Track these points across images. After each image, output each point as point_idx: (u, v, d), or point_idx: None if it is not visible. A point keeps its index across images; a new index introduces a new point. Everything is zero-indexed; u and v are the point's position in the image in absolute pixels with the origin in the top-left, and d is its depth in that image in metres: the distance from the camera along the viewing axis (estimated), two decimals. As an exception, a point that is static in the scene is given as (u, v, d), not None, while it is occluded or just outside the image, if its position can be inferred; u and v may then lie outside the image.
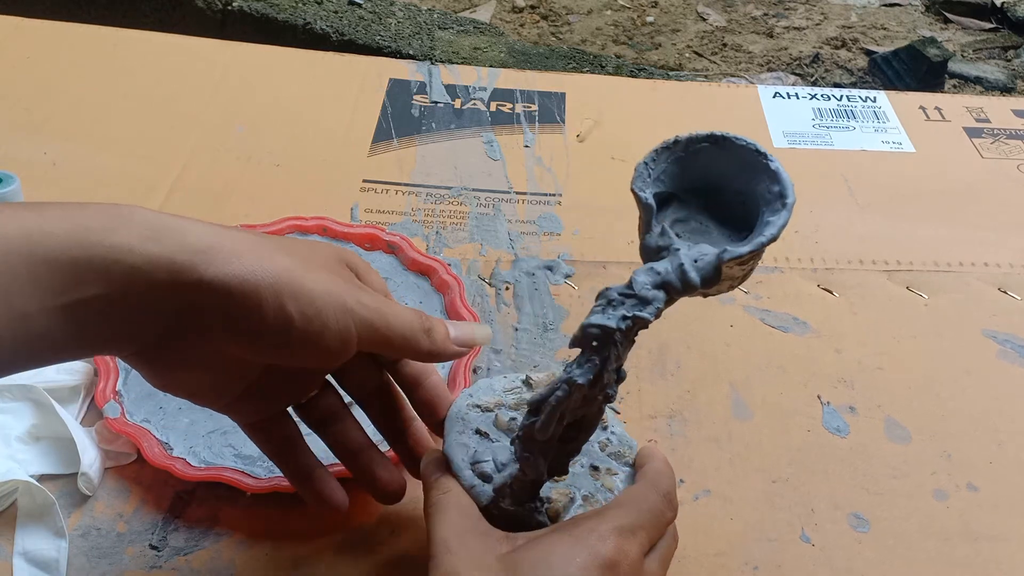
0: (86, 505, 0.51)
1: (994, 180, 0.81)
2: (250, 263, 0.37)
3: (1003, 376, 0.63)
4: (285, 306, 0.37)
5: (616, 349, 0.39)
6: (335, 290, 0.39)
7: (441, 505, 0.41)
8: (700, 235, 0.42)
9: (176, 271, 0.36)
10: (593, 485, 0.45)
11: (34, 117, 0.80)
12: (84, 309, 0.35)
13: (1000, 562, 0.52)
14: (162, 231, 0.36)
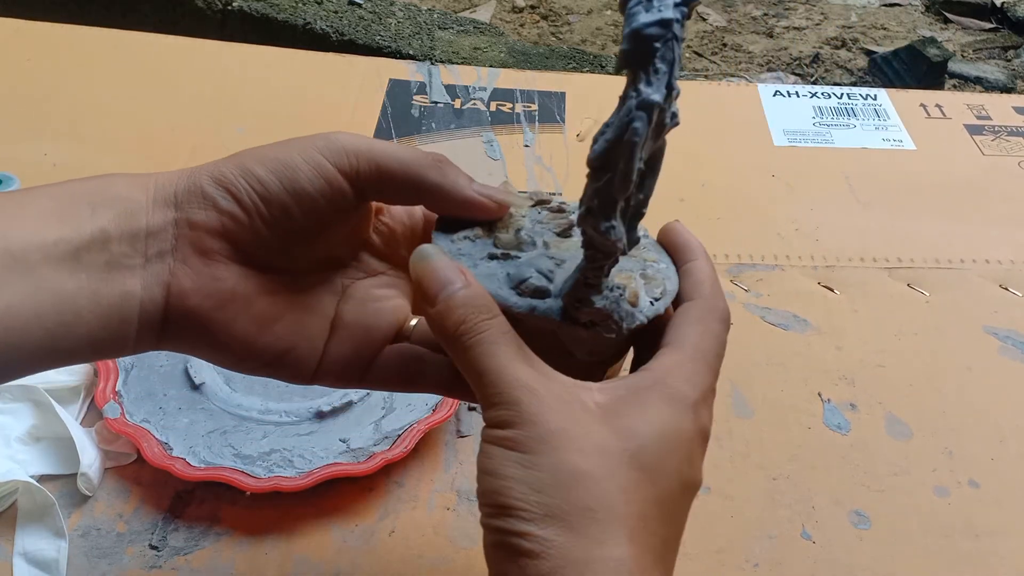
0: (86, 505, 0.51)
1: (995, 177, 0.81)
2: (215, 162, 0.37)
3: (1004, 372, 0.63)
4: (253, 171, 0.36)
5: (679, 46, 0.31)
6: (301, 141, 0.37)
7: (493, 334, 0.33)
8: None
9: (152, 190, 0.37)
10: (638, 264, 0.38)
11: (34, 118, 0.80)
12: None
13: (1002, 558, 0.52)
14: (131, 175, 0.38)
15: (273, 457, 0.52)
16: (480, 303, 0.33)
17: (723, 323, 0.36)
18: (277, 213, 0.36)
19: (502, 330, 0.33)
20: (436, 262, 0.34)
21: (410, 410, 0.55)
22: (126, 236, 0.35)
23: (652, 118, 0.31)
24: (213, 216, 0.36)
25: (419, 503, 0.52)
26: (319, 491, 0.51)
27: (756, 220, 0.75)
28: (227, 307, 0.36)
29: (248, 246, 0.37)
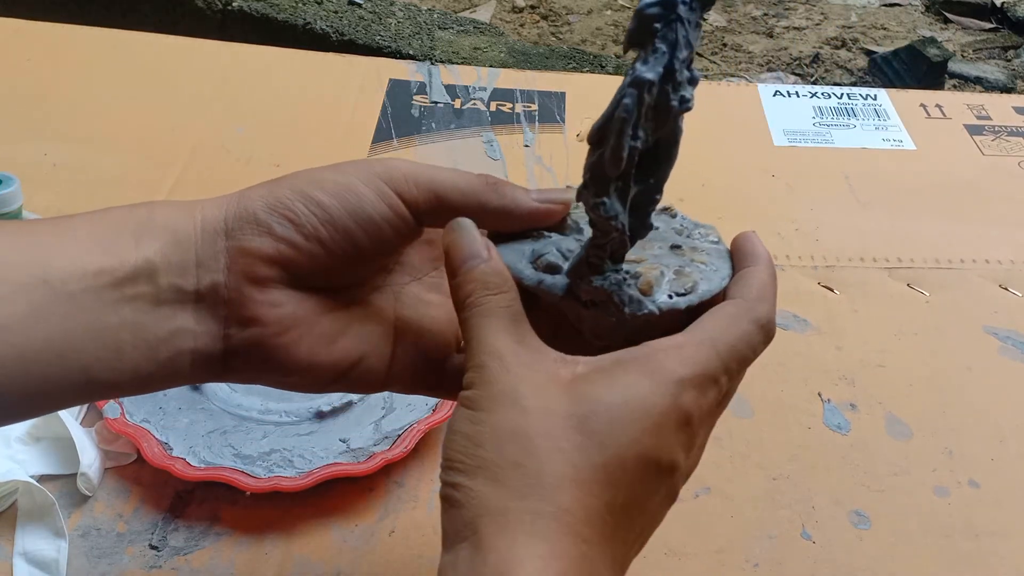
0: (86, 505, 0.51)
1: (995, 177, 0.81)
2: (266, 186, 0.36)
3: (1004, 372, 0.63)
4: (312, 195, 0.35)
5: (685, 28, 0.31)
6: (356, 165, 0.37)
7: (490, 307, 0.34)
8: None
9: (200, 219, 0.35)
10: (682, 260, 0.37)
11: (34, 118, 0.80)
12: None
13: (1002, 558, 0.52)
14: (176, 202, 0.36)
15: (273, 457, 0.52)
16: (492, 278, 0.34)
17: (757, 325, 0.35)
18: (339, 238, 0.36)
19: (501, 304, 0.34)
20: (464, 235, 0.35)
21: (410, 410, 0.55)
22: (174, 267, 0.34)
23: (643, 96, 0.32)
24: (268, 242, 0.35)
25: (419, 503, 0.52)
26: (319, 491, 0.51)
27: (756, 220, 0.75)
28: (289, 332, 0.36)
29: (303, 271, 0.36)
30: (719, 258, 0.37)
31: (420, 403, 0.56)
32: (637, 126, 0.32)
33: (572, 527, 0.30)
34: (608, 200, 0.34)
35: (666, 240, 0.39)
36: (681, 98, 0.33)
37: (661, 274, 0.36)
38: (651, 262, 0.37)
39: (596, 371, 0.32)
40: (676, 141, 0.34)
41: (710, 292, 0.35)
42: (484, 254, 0.35)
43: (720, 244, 0.39)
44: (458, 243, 0.35)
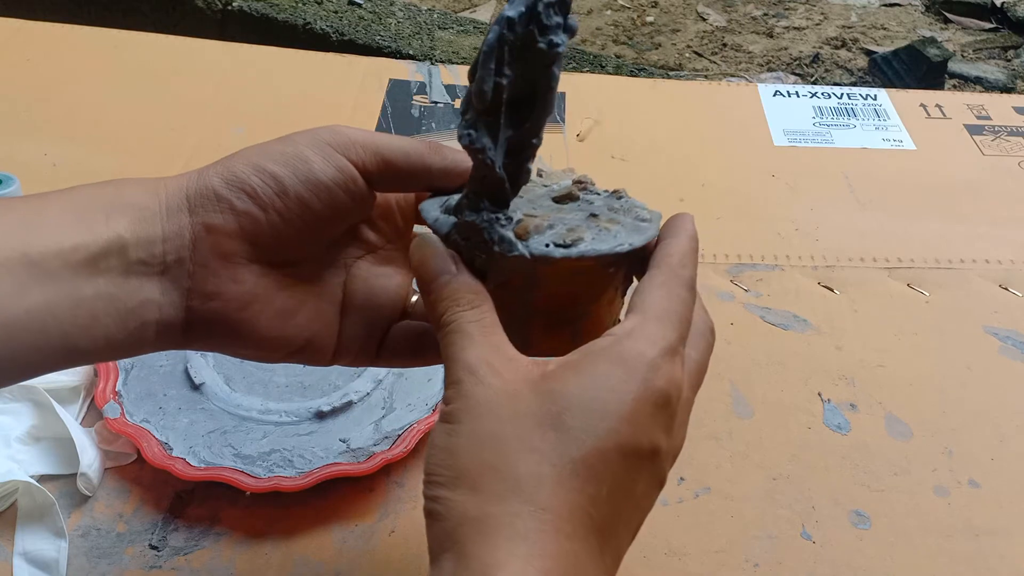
0: (86, 505, 0.51)
1: (995, 177, 0.81)
2: (222, 162, 0.38)
3: (1004, 372, 0.63)
4: (265, 167, 0.37)
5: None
6: (304, 134, 0.39)
7: (460, 324, 0.34)
8: None
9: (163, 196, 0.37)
10: (585, 223, 0.38)
11: (34, 118, 0.80)
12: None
13: (1002, 558, 0.52)
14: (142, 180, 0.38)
15: (273, 457, 0.52)
16: (462, 294, 0.35)
17: (688, 288, 0.36)
18: (294, 207, 0.37)
19: (472, 319, 0.34)
20: (428, 252, 0.36)
21: (410, 410, 0.55)
22: (142, 242, 0.36)
23: (503, 32, 0.32)
24: (230, 218, 0.37)
25: (419, 503, 0.52)
26: (319, 491, 0.51)
27: (756, 220, 0.75)
28: (249, 307, 0.38)
29: (266, 243, 0.37)
30: (633, 230, 0.38)
31: (420, 403, 0.56)
32: (502, 63, 0.33)
33: (553, 525, 0.30)
34: (474, 132, 0.34)
35: (588, 211, 0.39)
36: (549, 41, 0.33)
37: (549, 226, 0.37)
38: (549, 219, 0.37)
39: (565, 367, 0.33)
40: (550, 87, 0.35)
41: (596, 251, 0.36)
42: (452, 269, 0.36)
43: (645, 223, 0.39)
44: (427, 260, 0.36)
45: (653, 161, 0.81)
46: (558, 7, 0.33)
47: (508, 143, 0.36)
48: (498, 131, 0.35)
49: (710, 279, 0.69)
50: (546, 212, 0.38)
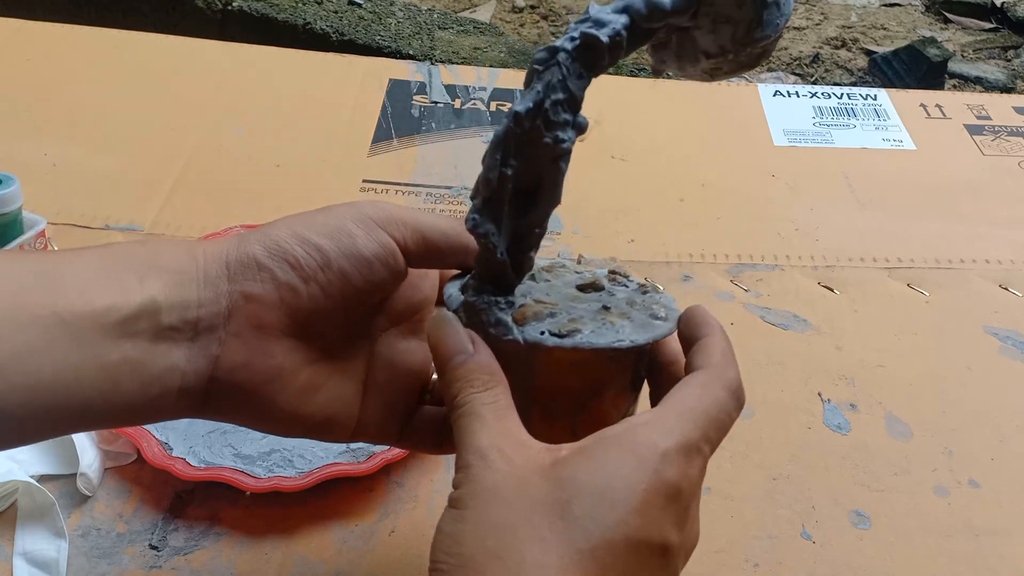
0: (86, 505, 0.51)
1: (995, 177, 0.81)
2: (261, 230, 0.37)
3: (1004, 372, 0.63)
4: (309, 238, 0.37)
5: (562, 72, 0.34)
6: (346, 207, 0.39)
7: (473, 407, 0.34)
8: None
9: (202, 261, 0.36)
10: (590, 315, 0.38)
11: (34, 118, 0.80)
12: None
13: (1002, 557, 0.52)
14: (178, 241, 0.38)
15: (273, 457, 0.52)
16: (477, 375, 0.34)
17: (729, 392, 0.34)
18: (336, 279, 0.37)
19: (485, 401, 0.34)
20: (445, 331, 0.36)
21: (410, 410, 0.55)
22: (176, 307, 0.35)
23: (511, 126, 0.34)
24: (270, 288, 0.36)
25: (419, 503, 0.52)
26: (319, 491, 0.51)
27: (756, 220, 0.75)
28: (275, 381, 0.37)
29: (303, 316, 0.37)
30: (641, 327, 0.37)
31: (420, 403, 0.56)
32: (508, 155, 0.34)
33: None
34: (479, 217, 0.36)
35: (603, 303, 0.39)
36: (555, 137, 0.34)
37: (551, 314, 0.37)
38: (554, 307, 0.37)
39: (576, 453, 0.32)
40: (555, 182, 0.35)
41: (592, 344, 0.35)
42: (469, 348, 0.35)
43: (659, 322, 0.38)
44: (444, 339, 0.35)
45: (653, 161, 0.81)
46: (566, 105, 0.34)
47: (513, 230, 0.36)
48: (502, 218, 0.36)
49: (710, 279, 0.69)
50: (557, 300, 0.38)
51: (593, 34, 0.33)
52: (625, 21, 0.33)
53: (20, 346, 0.32)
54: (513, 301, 0.37)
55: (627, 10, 0.33)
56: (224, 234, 0.65)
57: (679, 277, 0.68)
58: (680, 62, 0.37)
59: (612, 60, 0.34)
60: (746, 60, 0.35)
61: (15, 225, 0.63)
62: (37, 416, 0.33)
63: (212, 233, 0.65)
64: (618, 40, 0.33)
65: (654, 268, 0.69)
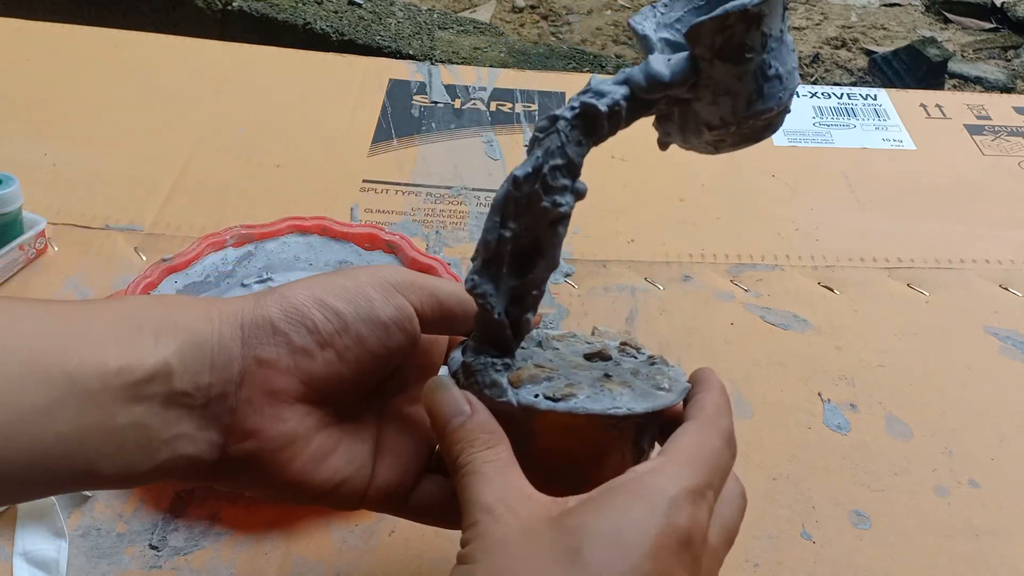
0: (86, 505, 0.51)
1: (995, 177, 0.81)
2: (278, 291, 0.37)
3: (1004, 372, 0.63)
4: (327, 302, 0.36)
5: (560, 139, 0.35)
6: (365, 271, 0.38)
7: (476, 465, 0.34)
8: None
9: (217, 323, 0.36)
10: (588, 381, 0.38)
11: (34, 118, 0.80)
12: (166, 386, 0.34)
13: (1002, 558, 0.52)
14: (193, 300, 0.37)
15: (273, 457, 0.52)
16: (478, 434, 0.35)
17: (724, 439, 0.35)
18: (352, 344, 0.36)
19: (488, 459, 0.34)
20: (443, 394, 0.36)
21: (410, 410, 0.55)
22: (189, 372, 0.34)
23: (511, 188, 0.35)
24: (284, 353, 0.35)
25: (419, 503, 0.52)
26: (319, 491, 0.51)
27: (756, 220, 0.75)
28: (287, 448, 0.36)
29: (318, 381, 0.36)
30: (642, 396, 0.37)
31: (420, 403, 0.56)
32: (507, 218, 0.35)
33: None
34: (478, 278, 0.36)
35: (606, 371, 0.39)
36: (554, 201, 0.35)
37: (548, 378, 0.37)
38: (552, 372, 0.38)
39: (584, 503, 0.32)
40: (553, 244, 0.36)
41: (585, 409, 0.36)
42: (467, 409, 0.35)
43: (661, 392, 0.38)
44: (440, 403, 0.36)
45: (653, 161, 0.80)
46: (565, 170, 0.35)
47: (511, 292, 0.37)
48: (501, 279, 0.36)
49: (710, 279, 0.69)
50: (558, 366, 0.39)
51: (592, 103, 0.34)
52: (625, 92, 0.34)
53: (27, 406, 0.31)
54: (510, 363, 0.37)
55: (627, 81, 0.34)
56: (224, 234, 0.65)
57: (679, 277, 0.68)
58: (684, 134, 0.37)
59: (612, 129, 0.35)
60: (749, 132, 0.35)
61: (15, 225, 0.63)
62: (40, 477, 0.32)
63: (212, 233, 0.65)
64: (617, 110, 0.34)
65: (654, 268, 0.69)
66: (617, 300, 0.66)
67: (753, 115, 0.34)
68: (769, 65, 0.34)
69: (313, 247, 0.66)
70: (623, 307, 0.66)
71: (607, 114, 0.34)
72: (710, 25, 0.33)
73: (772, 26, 0.33)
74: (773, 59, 0.34)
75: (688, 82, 0.34)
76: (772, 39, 0.33)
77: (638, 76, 0.34)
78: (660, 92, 0.34)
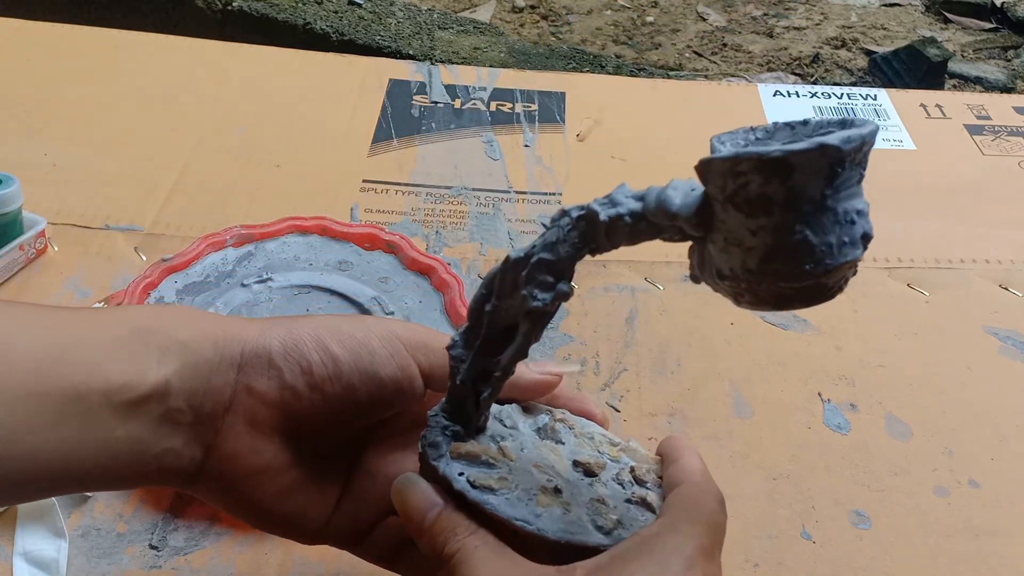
0: (86, 505, 0.51)
1: (995, 177, 0.81)
2: (285, 324, 0.37)
3: (1004, 372, 0.63)
4: (328, 347, 0.36)
5: (557, 235, 0.33)
6: (378, 323, 0.38)
7: (467, 550, 0.33)
8: None
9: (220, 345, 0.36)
10: (525, 489, 0.36)
11: (35, 118, 0.80)
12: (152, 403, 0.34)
13: (1002, 558, 0.52)
14: (200, 315, 0.37)
15: (273, 457, 0.52)
16: (457, 522, 0.34)
17: (719, 502, 0.35)
18: (342, 392, 0.36)
19: (476, 542, 0.34)
20: (413, 490, 0.36)
21: (410, 410, 0.55)
22: (185, 392, 0.35)
23: (501, 267, 0.35)
24: (274, 387, 0.36)
25: (419, 503, 0.52)
26: (319, 491, 0.51)
27: (756, 220, 0.75)
28: (256, 477, 0.37)
29: (301, 420, 0.37)
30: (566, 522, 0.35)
31: (420, 403, 0.56)
32: (491, 292, 0.35)
33: None
34: (459, 339, 0.37)
35: (558, 484, 0.37)
36: (531, 293, 0.33)
37: (486, 463, 0.37)
38: (500, 460, 0.37)
39: (597, 569, 0.32)
40: (525, 334, 0.35)
41: (490, 506, 0.35)
42: (439, 500, 0.35)
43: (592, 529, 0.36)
44: (412, 497, 0.35)
45: (653, 161, 0.81)
46: (550, 267, 0.33)
47: (479, 365, 0.36)
48: (473, 344, 0.36)
49: (710, 279, 0.69)
50: (517, 457, 0.38)
51: (595, 210, 0.32)
52: (635, 207, 0.32)
53: (32, 419, 0.32)
54: (461, 432, 0.37)
55: (642, 198, 0.32)
56: (224, 234, 0.65)
57: (679, 277, 0.68)
58: (702, 273, 0.33)
59: (612, 242, 0.33)
60: (767, 296, 0.30)
61: (15, 225, 0.63)
62: (35, 483, 0.33)
63: (212, 233, 0.65)
64: (619, 224, 0.32)
65: (654, 268, 0.69)
66: (617, 300, 0.66)
67: (765, 277, 0.30)
68: (795, 230, 0.28)
69: (313, 247, 0.66)
70: (623, 307, 0.66)
71: (606, 224, 0.32)
72: (719, 165, 0.29)
73: (808, 186, 0.28)
74: (803, 224, 0.28)
75: (696, 220, 0.30)
76: (806, 201, 0.28)
77: (651, 197, 0.32)
78: (666, 220, 0.31)
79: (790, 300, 0.30)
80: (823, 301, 0.30)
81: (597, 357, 0.62)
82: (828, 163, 0.28)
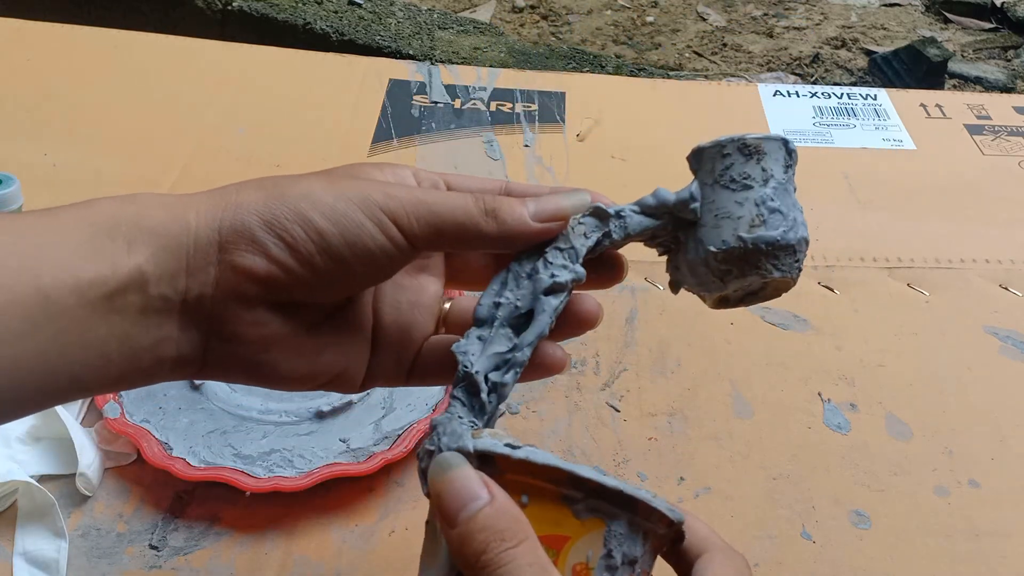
0: (86, 505, 0.51)
1: (995, 177, 0.81)
2: (261, 198, 0.35)
3: (1004, 372, 0.63)
4: (312, 220, 0.34)
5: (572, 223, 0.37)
6: (360, 190, 0.36)
7: (515, 568, 0.29)
8: None
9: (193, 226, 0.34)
10: None
11: (34, 119, 0.80)
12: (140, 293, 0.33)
13: (1002, 558, 0.52)
14: (167, 200, 0.35)
15: (273, 457, 0.52)
16: (504, 525, 0.30)
17: (749, 570, 0.35)
18: (333, 266, 0.35)
19: (525, 560, 0.29)
20: (456, 475, 0.31)
21: (410, 410, 0.55)
22: (165, 277, 0.33)
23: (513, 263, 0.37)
24: (261, 263, 0.34)
25: (419, 503, 0.52)
26: (319, 491, 0.51)
27: (756, 220, 0.75)
28: (271, 349, 0.35)
29: (290, 293, 0.35)
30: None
31: (420, 403, 0.56)
32: (504, 286, 0.37)
33: None
34: (466, 339, 0.37)
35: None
36: (552, 275, 0.36)
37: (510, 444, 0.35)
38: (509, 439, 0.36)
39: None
40: (544, 310, 0.36)
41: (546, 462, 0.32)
42: (484, 494, 0.30)
43: None
44: (450, 485, 0.31)
45: (653, 161, 0.80)
46: (567, 254, 0.37)
47: (497, 357, 0.37)
48: (484, 340, 0.37)
49: (710, 279, 0.69)
50: None
51: (602, 206, 0.38)
52: (633, 206, 0.38)
53: (3, 330, 0.30)
54: (478, 424, 0.36)
55: (638, 203, 0.38)
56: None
57: (679, 277, 0.68)
58: (691, 266, 0.41)
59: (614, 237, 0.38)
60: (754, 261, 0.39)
61: (15, 225, 0.63)
62: (26, 396, 0.32)
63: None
64: (623, 215, 0.38)
65: (654, 268, 0.69)
66: (617, 300, 0.66)
67: (754, 240, 0.37)
68: (772, 198, 0.38)
69: (313, 247, 0.65)
70: (623, 307, 0.66)
71: (613, 214, 0.38)
72: (710, 150, 0.37)
73: (774, 169, 0.38)
74: (776, 196, 0.38)
75: (690, 205, 0.38)
76: (774, 179, 0.38)
77: (647, 197, 0.38)
78: (664, 208, 0.38)
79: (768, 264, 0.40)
80: (791, 270, 0.40)
81: (597, 357, 0.62)
82: (786, 150, 0.39)
